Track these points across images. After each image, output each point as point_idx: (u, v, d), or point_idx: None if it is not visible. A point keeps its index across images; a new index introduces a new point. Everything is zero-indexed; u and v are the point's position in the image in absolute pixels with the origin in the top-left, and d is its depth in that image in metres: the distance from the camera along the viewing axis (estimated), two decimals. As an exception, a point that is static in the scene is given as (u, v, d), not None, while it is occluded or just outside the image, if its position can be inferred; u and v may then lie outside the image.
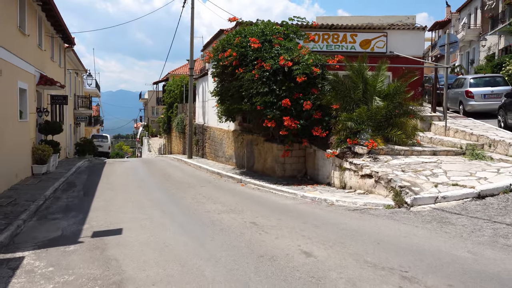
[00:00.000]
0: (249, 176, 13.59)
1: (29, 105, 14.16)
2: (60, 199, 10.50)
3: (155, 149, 44.80)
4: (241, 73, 12.03)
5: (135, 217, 8.09)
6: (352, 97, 10.97)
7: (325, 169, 11.37)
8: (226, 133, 17.88)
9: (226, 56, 12.57)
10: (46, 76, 16.14)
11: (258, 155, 14.20)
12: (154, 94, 52.04)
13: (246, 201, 9.55)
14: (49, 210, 9.11)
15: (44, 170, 14.74)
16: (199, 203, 9.40)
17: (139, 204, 9.55)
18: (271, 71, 11.59)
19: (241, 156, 15.97)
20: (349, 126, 10.23)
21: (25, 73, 13.70)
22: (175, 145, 31.28)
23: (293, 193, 10.09)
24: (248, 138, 14.87)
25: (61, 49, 22.18)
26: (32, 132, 14.79)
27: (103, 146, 34.95)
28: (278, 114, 11.29)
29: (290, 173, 12.76)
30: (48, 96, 18.17)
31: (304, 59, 11.72)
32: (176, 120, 28.42)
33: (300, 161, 12.78)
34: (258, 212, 8.13)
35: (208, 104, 21.53)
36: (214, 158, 19.96)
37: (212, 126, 20.33)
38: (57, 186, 12.25)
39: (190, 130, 22.43)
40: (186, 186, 12.48)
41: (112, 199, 10.44)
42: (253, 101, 11.62)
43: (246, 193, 10.90)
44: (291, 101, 11.38)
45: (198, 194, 10.78)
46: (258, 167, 14.19)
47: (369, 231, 6.24)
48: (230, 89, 12.92)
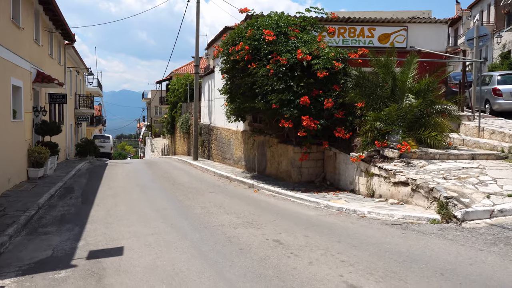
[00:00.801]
0: (262, 180, 12.51)
1: (24, 104, 13.13)
2: (55, 208, 9.46)
3: (158, 149, 43.79)
4: (254, 69, 10.96)
5: (139, 232, 7.03)
6: (379, 95, 9.87)
7: (348, 174, 10.29)
8: (234, 133, 16.82)
9: (237, 50, 11.50)
10: (43, 73, 15.11)
11: (271, 158, 13.12)
12: (157, 93, 51.03)
13: (263, 212, 8.48)
14: (42, 222, 8.06)
15: (40, 174, 13.71)
16: (210, 214, 8.33)
17: (143, 215, 8.49)
18: (288, 65, 10.52)
19: (251, 159, 14.90)
20: (378, 127, 9.14)
21: (20, 69, 12.67)
22: (179, 145, 30.24)
23: (314, 202, 9.01)
24: (260, 140, 13.80)
25: (60, 46, 21.16)
26: (28, 133, 13.76)
27: (105, 146, 33.91)
28: (296, 113, 10.21)
29: (307, 178, 11.68)
30: (46, 95, 17.14)
31: (324, 52, 10.64)
32: (181, 120, 27.37)
33: (318, 165, 11.69)
34: (279, 226, 7.05)
35: (215, 103, 20.47)
36: (221, 160, 18.90)
37: (219, 126, 19.26)
38: (53, 192, 11.20)
39: (195, 130, 21.38)
40: (194, 192, 11.41)
41: (113, 207, 9.39)
42: (268, 99, 10.55)
43: (261, 201, 9.82)
44: (310, 99, 10.30)
45: (208, 202, 9.71)
46: (271, 170, 13.11)
47: (422, 255, 5.15)
48: (241, 86, 11.85)
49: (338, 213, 8.00)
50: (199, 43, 21.17)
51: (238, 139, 16.39)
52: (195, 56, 21.55)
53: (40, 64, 15.58)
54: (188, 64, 44.23)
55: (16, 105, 12.60)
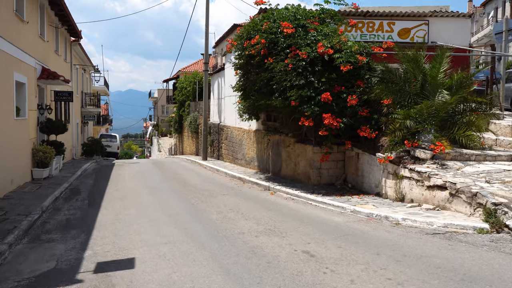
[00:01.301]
0: (277, 182, 11.84)
1: (29, 101, 12.55)
2: (60, 211, 8.84)
3: (165, 149, 43.23)
4: (272, 63, 10.28)
5: (151, 240, 6.38)
6: (407, 91, 9.16)
7: (373, 176, 9.58)
8: (246, 133, 16.15)
9: (253, 44, 10.82)
10: (49, 70, 14.53)
11: (286, 159, 12.44)
12: (164, 92, 50.43)
13: (284, 217, 7.80)
14: (45, 228, 7.44)
15: (45, 174, 13.13)
16: (228, 220, 7.66)
17: (154, 220, 7.85)
18: (308, 60, 9.83)
19: (265, 159, 14.22)
20: (408, 125, 8.42)
21: (24, 64, 12.08)
22: (187, 145, 29.63)
23: (339, 207, 8.31)
24: (275, 139, 13.12)
25: (66, 43, 20.60)
26: (33, 131, 13.19)
27: (112, 146, 33.36)
28: (317, 111, 9.51)
29: (327, 179, 10.99)
30: (52, 92, 16.57)
31: (346, 46, 9.94)
32: (189, 119, 26.76)
33: (339, 166, 10.99)
34: (306, 235, 6.37)
35: (225, 102, 19.83)
36: (232, 160, 18.24)
37: (230, 125, 18.61)
38: (59, 194, 10.59)
39: (204, 129, 20.74)
40: (207, 194, 10.76)
41: (122, 211, 8.75)
42: (286, 95, 9.86)
43: (280, 205, 9.14)
44: (332, 96, 9.60)
45: (223, 206, 9.05)
46: (287, 172, 12.43)
47: (481, 273, 4.46)
48: (256, 82, 11.18)
49: (367, 219, 7.30)
50: (208, 39, 20.54)
51: (250, 138, 15.72)
52: (204, 53, 20.91)
53: (45, 60, 15.00)
54: (195, 63, 43.65)
55: (20, 102, 12.02)
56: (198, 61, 44.01)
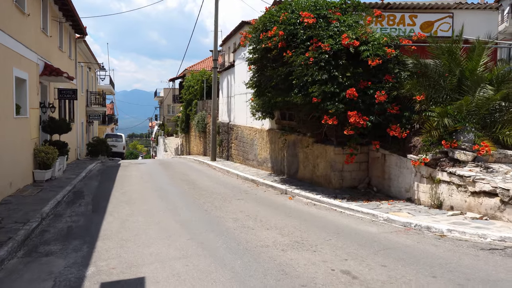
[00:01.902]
0: (295, 185, 11.03)
1: (30, 99, 11.83)
2: (61, 218, 8.08)
3: (171, 149, 42.54)
4: (291, 57, 9.48)
5: (163, 254, 5.60)
6: (442, 86, 8.31)
7: (403, 179, 8.74)
8: (259, 132, 15.35)
9: (270, 36, 10.01)
10: (52, 66, 13.81)
11: (304, 160, 11.62)
12: (170, 91, 49.75)
13: (310, 226, 6.98)
14: (44, 237, 6.67)
15: (47, 176, 12.40)
16: (247, 229, 6.86)
17: (164, 229, 7.07)
18: (331, 52, 9.00)
19: (279, 160, 13.41)
20: (446, 124, 7.57)
21: (24, 59, 11.35)
22: (194, 145, 28.88)
23: (369, 214, 7.49)
24: (290, 139, 12.30)
25: (71, 39, 19.89)
26: (34, 131, 12.46)
27: (118, 146, 32.68)
28: (341, 108, 8.68)
29: (350, 183, 10.16)
30: (55, 90, 15.86)
31: (373, 37, 9.11)
32: (196, 118, 26.00)
33: (362, 168, 10.17)
34: (340, 248, 5.56)
35: (235, 100, 19.04)
36: (242, 161, 17.45)
37: (240, 124, 17.82)
38: (61, 198, 9.84)
39: (213, 129, 19.96)
40: (220, 198, 9.97)
41: (128, 218, 7.98)
42: (307, 91, 9.04)
43: (302, 212, 8.33)
44: (358, 92, 8.78)
45: (239, 212, 8.26)
46: (305, 174, 11.61)
47: None
48: (273, 77, 10.37)
49: (405, 229, 6.47)
50: (217, 35, 19.74)
51: (263, 138, 14.92)
52: (213, 50, 20.13)
53: (48, 56, 14.28)
54: (202, 61, 42.90)
55: (21, 100, 11.30)
56: (205, 59, 43.28)
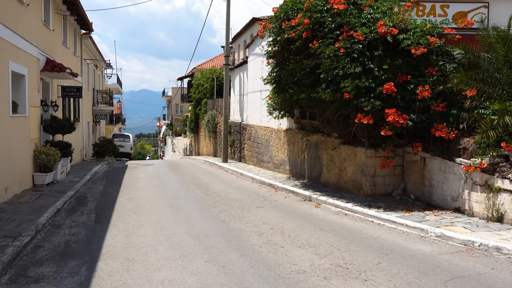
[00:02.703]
0: (319, 191, 9.96)
1: (29, 96, 10.89)
2: (59, 230, 7.09)
3: (179, 149, 41.63)
4: (319, 47, 8.42)
5: (177, 281, 4.57)
6: (497, 79, 7.19)
7: (448, 186, 7.64)
8: (275, 132, 14.30)
9: (293, 26, 8.96)
10: (54, 61, 12.87)
11: (328, 163, 10.54)
12: (179, 91, 48.85)
13: (349, 243, 5.92)
14: (36, 256, 5.68)
15: (48, 180, 11.46)
16: (275, 247, 5.82)
17: (177, 245, 6.04)
18: (365, 42, 7.93)
19: (299, 163, 12.34)
20: (507, 122, 6.46)
21: (23, 53, 10.41)
22: (203, 145, 27.90)
23: (416, 228, 6.41)
24: (312, 140, 11.23)
25: (76, 35, 18.99)
26: (35, 131, 11.52)
27: (125, 146, 31.82)
28: (378, 105, 7.60)
29: (382, 189, 9.07)
30: (59, 88, 14.94)
31: (414, 25, 8.03)
32: (206, 117, 25.00)
33: (396, 172, 9.06)
34: (396, 276, 4.49)
35: (247, 98, 18.00)
36: (256, 163, 16.40)
37: (254, 124, 16.77)
38: (61, 205, 8.86)
39: (225, 128, 18.94)
40: (237, 206, 8.94)
41: (135, 230, 6.98)
42: (338, 86, 7.96)
43: (334, 224, 7.26)
44: (396, 86, 7.69)
45: (262, 224, 7.22)
46: (329, 178, 10.53)
47: None
48: (295, 72, 9.31)
49: (467, 249, 5.39)
50: (229, 30, 18.73)
51: (280, 139, 13.86)
52: (225, 45, 19.11)
53: (50, 51, 13.36)
54: (211, 59, 41.95)
55: (19, 97, 10.36)
56: (214, 58, 42.34)
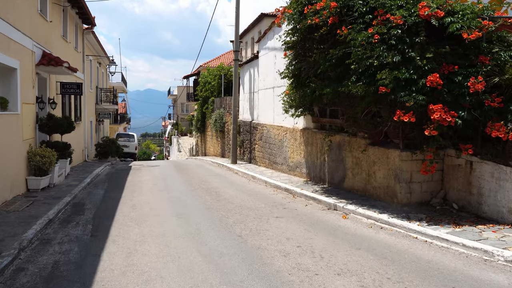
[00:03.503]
0: (343, 198, 8.86)
1: (22, 92, 9.87)
2: (48, 246, 6.05)
3: (185, 149, 40.63)
4: (348, 34, 7.31)
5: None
6: None
7: (504, 196, 6.50)
8: (290, 132, 13.19)
9: (318, 10, 7.86)
10: (50, 54, 11.85)
11: (353, 166, 9.43)
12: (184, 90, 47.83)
13: (402, 271, 4.81)
14: (16, 283, 4.63)
15: (44, 184, 10.45)
16: (308, 274, 4.72)
17: (187, 268, 4.97)
18: (405, 27, 6.81)
19: (318, 166, 11.23)
20: None
21: (14, 44, 9.39)
22: (210, 145, 26.85)
23: (476, 249, 5.29)
24: (335, 140, 10.12)
25: (77, 29, 17.98)
26: (29, 130, 10.51)
27: (129, 146, 30.83)
28: (422, 100, 6.47)
29: (419, 197, 7.94)
30: (58, 84, 13.94)
31: (462, 6, 6.89)
32: (213, 116, 23.93)
33: (434, 178, 7.93)
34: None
35: (258, 96, 16.92)
36: (268, 165, 15.31)
37: (266, 123, 15.68)
38: (54, 215, 7.83)
39: (234, 128, 17.85)
40: (253, 216, 7.86)
41: (137, 248, 5.92)
42: (374, 78, 6.84)
43: (370, 240, 6.15)
44: (441, 78, 6.56)
45: (286, 240, 6.13)
46: (354, 184, 9.41)
47: None
48: (319, 63, 8.20)
49: (554, 281, 4.26)
50: (239, 23, 17.62)
51: (295, 139, 12.75)
52: (234, 40, 18.01)
53: (47, 44, 12.34)
54: (217, 57, 40.86)
55: (9, 93, 9.35)
56: (221, 55, 41.27)
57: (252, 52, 24.64)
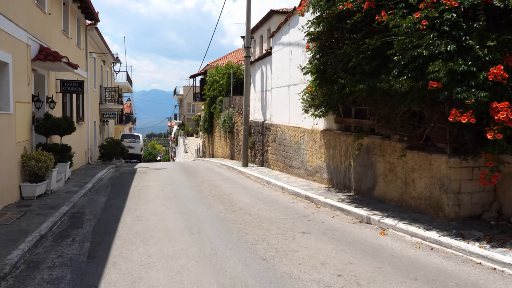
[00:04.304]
0: (376, 209, 7.78)
1: (15, 89, 8.89)
2: (36, 273, 5.03)
3: (192, 150, 39.66)
4: (389, 20, 6.23)
5: None
6: None
7: None
8: (308, 133, 12.12)
9: (351, -7, 6.79)
10: (48, 49, 10.86)
11: (387, 173, 8.34)
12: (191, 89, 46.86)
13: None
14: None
15: (40, 191, 9.47)
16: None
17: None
18: (460, 10, 5.73)
19: (342, 171, 10.16)
20: None
21: (6, 36, 8.41)
22: (218, 147, 25.82)
23: None
24: (363, 143, 9.03)
25: (80, 25, 17.03)
26: (23, 131, 9.53)
27: (135, 147, 29.88)
28: (484, 97, 5.39)
29: (469, 210, 6.85)
30: (58, 82, 12.96)
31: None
32: (222, 116, 22.91)
33: (487, 188, 6.84)
34: None
35: (271, 95, 15.86)
36: (283, 168, 14.25)
37: (280, 123, 14.62)
38: (48, 229, 6.83)
39: (245, 129, 16.81)
40: (276, 231, 6.81)
41: (142, 276, 4.88)
42: (427, 71, 5.74)
43: (427, 268, 5.08)
44: (506, 70, 5.47)
45: (321, 266, 5.07)
46: (388, 192, 8.32)
47: None
48: (351, 56, 7.14)
49: None
50: (250, 17, 16.59)
51: (315, 141, 11.68)
52: (245, 35, 16.96)
53: (46, 39, 11.37)
54: (225, 56, 39.86)
55: (0, 90, 8.37)
56: (228, 54, 40.29)
57: (261, 50, 23.57)
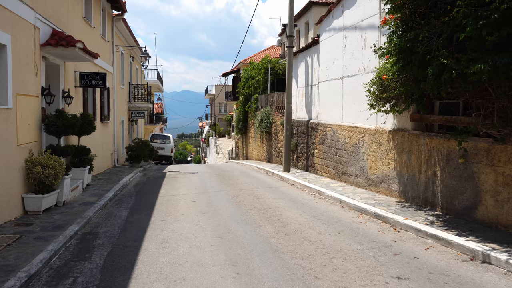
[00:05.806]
0: (488, 238, 5.59)
1: (16, 79, 7.20)
2: None
3: (224, 151, 37.98)
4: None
5: None
6: None
7: None
8: (370, 134, 9.95)
9: None
10: (62, 33, 9.17)
11: (499, 188, 6.10)
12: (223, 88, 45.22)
13: None
14: None
15: (49, 203, 7.77)
16: None
17: None
18: None
19: (422, 182, 7.94)
20: None
21: (5, 12, 6.70)
22: (253, 148, 23.88)
23: None
24: (452, 147, 6.79)
25: (105, 15, 15.45)
26: (28, 131, 7.85)
27: (165, 148, 28.41)
28: None
29: None
30: (77, 75, 11.33)
31: None
32: (259, 115, 20.94)
33: None
34: None
35: (319, 90, 13.75)
36: (334, 175, 12.12)
37: (331, 122, 12.48)
38: (43, 263, 5.02)
39: (287, 129, 14.75)
40: (356, 274, 4.75)
41: None
42: None
43: None
44: None
45: None
46: (501, 215, 6.08)
47: None
48: (461, 25, 4.98)
49: None
50: (294, 2, 14.52)
51: (380, 144, 9.50)
52: (288, 23, 14.89)
53: (61, 24, 9.74)
54: (259, 53, 37.98)
55: (-5, 79, 6.69)
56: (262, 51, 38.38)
57: (298, 45, 21.48)
